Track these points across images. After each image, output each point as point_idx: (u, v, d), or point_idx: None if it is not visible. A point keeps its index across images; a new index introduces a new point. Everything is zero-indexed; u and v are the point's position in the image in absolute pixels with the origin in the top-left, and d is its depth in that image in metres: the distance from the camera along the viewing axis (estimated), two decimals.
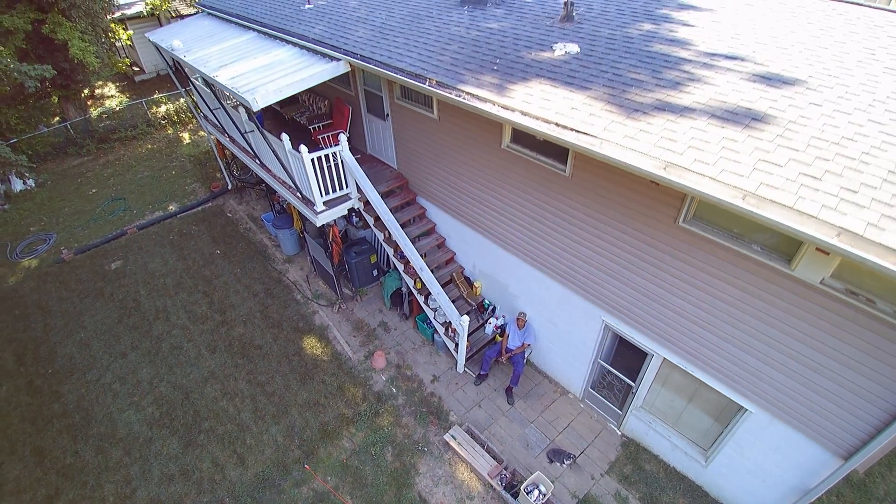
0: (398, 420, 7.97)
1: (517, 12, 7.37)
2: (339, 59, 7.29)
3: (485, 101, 5.27)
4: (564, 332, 7.63)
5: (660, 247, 5.30)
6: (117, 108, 17.95)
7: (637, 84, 5.02)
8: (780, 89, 4.67)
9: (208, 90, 10.00)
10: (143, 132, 17.66)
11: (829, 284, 4.14)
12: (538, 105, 4.97)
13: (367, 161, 9.73)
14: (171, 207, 13.63)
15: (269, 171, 9.54)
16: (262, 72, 7.50)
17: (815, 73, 4.88)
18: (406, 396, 8.35)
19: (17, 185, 15.24)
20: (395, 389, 8.46)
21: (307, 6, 9.44)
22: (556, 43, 6.09)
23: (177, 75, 11.52)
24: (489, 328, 8.90)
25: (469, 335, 8.41)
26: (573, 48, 5.89)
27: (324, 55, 7.63)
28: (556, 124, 4.66)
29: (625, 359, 7.05)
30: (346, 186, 8.52)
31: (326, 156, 7.86)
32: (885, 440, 4.49)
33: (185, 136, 17.64)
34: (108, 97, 21.13)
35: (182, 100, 18.74)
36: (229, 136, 11.03)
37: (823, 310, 4.25)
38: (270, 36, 8.96)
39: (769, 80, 4.83)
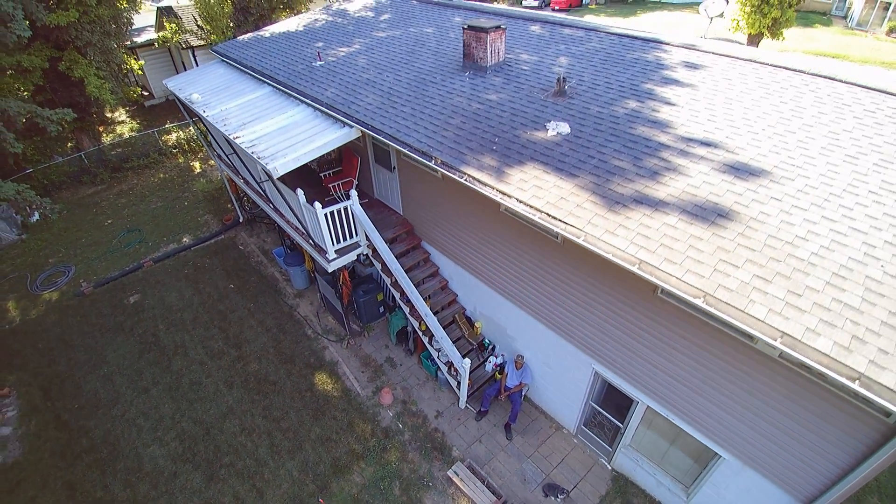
0: (405, 455, 8.57)
1: (514, 82, 8.02)
2: (351, 126, 7.93)
3: (485, 185, 5.90)
4: (558, 374, 8.24)
5: (642, 311, 5.92)
6: (129, 138, 18.57)
7: (619, 173, 5.66)
8: (746, 181, 5.31)
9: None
10: (154, 161, 18.30)
11: (786, 358, 4.76)
12: (531, 192, 5.61)
13: (374, 206, 10.36)
14: (185, 240, 14.25)
15: (282, 215, 10.17)
16: (280, 135, 8.14)
17: (780, 163, 5.52)
18: (412, 432, 8.95)
19: (35, 214, 15.86)
20: (401, 425, 9.07)
21: (318, 63, 10.09)
22: (549, 122, 6.74)
23: (186, 108, 12.11)
24: (489, 366, 9.51)
25: (470, 373, 9.01)
26: (564, 128, 6.54)
27: (336, 119, 8.26)
28: (548, 214, 5.29)
29: (614, 400, 7.66)
30: (356, 235, 9.14)
31: (339, 210, 8.49)
32: (842, 490, 5.11)
33: (196, 164, 18.28)
34: (119, 122, 21.78)
35: (192, 128, 19.39)
36: (243, 178, 11.67)
37: (782, 378, 4.86)
38: (285, 93, 9.60)
39: (738, 170, 5.47)
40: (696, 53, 8.06)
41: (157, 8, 21.25)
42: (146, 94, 24.26)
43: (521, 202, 5.55)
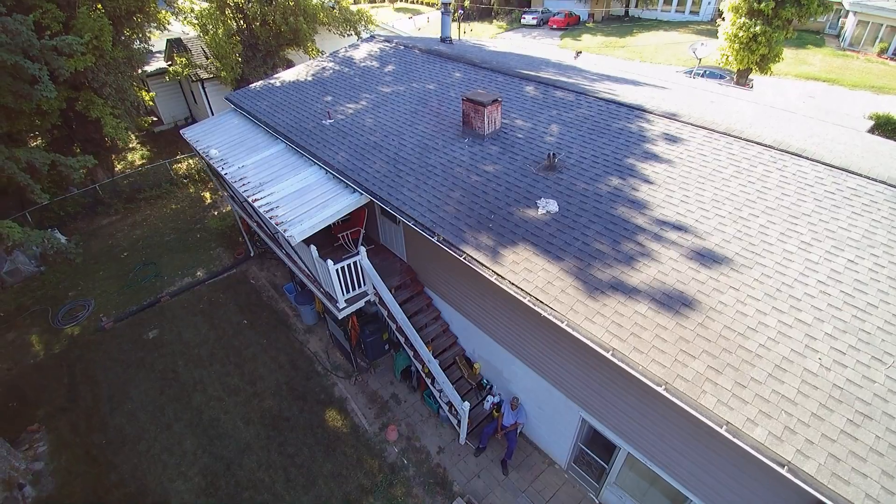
0: (409, 490, 9.34)
1: (509, 151, 8.80)
2: (360, 193, 8.71)
3: (482, 265, 6.68)
4: (550, 416, 9.01)
5: (619, 383, 6.68)
6: (141, 169, 19.34)
7: (600, 257, 6.44)
8: (710, 269, 6.09)
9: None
10: (166, 191, 19.06)
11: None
12: (522, 275, 6.39)
13: (380, 251, 11.13)
14: (198, 273, 15.01)
15: (294, 261, 10.93)
16: (296, 199, 8.91)
17: (742, 250, 6.30)
18: (416, 467, 9.72)
19: (62, 240, 16.59)
20: (406, 461, 9.83)
21: (327, 121, 10.87)
22: (540, 199, 7.52)
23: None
24: (487, 405, 10.28)
25: (469, 411, 9.77)
26: (553, 206, 7.32)
27: (346, 185, 9.04)
28: (536, 298, 6.07)
29: (601, 441, 8.42)
30: (364, 285, 9.91)
31: (349, 265, 9.26)
32: None
33: (207, 195, 19.05)
34: (130, 149, 22.53)
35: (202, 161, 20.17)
36: (255, 221, 12.43)
37: (731, 450, 5.62)
38: (298, 153, 10.38)
39: (703, 257, 6.25)
40: (676, 125, 8.83)
41: (167, 41, 22.01)
42: (155, 119, 25.02)
43: (513, 284, 6.33)
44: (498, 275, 6.55)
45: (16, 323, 13.71)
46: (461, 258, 6.94)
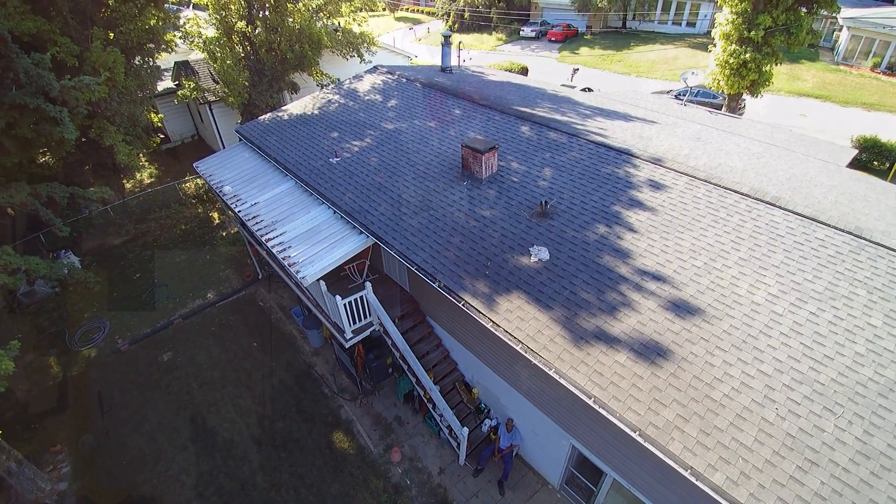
0: None
1: (505, 196, 9.47)
2: (367, 236, 9.37)
3: (479, 312, 7.35)
4: (543, 440, 9.67)
5: (599, 420, 7.32)
6: (151, 191, 20.01)
7: (585, 306, 7.10)
8: (683, 320, 6.75)
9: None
10: (175, 211, 19.72)
11: None
12: (515, 324, 7.06)
13: (384, 281, 11.79)
14: (209, 295, 15.67)
15: (302, 291, 11.58)
16: (307, 240, 9.57)
17: (714, 301, 6.96)
18: (418, 487, 10.38)
19: (64, 269, 17.22)
20: (409, 481, 10.49)
21: (334, 160, 11.54)
22: (533, 246, 8.19)
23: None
24: (485, 427, 10.93)
25: (468, 435, 10.43)
26: (544, 254, 7.98)
27: (354, 226, 9.70)
28: (527, 346, 6.73)
29: (590, 466, 9.07)
30: (370, 316, 10.57)
31: (355, 299, 9.91)
32: None
33: (215, 215, 19.70)
34: (140, 168, 23.17)
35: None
36: (266, 250, 13.07)
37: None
38: (307, 191, 11.04)
39: (679, 308, 6.91)
40: (660, 171, 9.49)
41: (175, 63, 22.67)
42: (162, 136, 25.67)
43: (507, 332, 6.99)
44: (494, 322, 7.22)
45: (34, 344, 14.36)
46: (460, 304, 7.60)
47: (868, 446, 5.29)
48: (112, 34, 16.22)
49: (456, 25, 47.35)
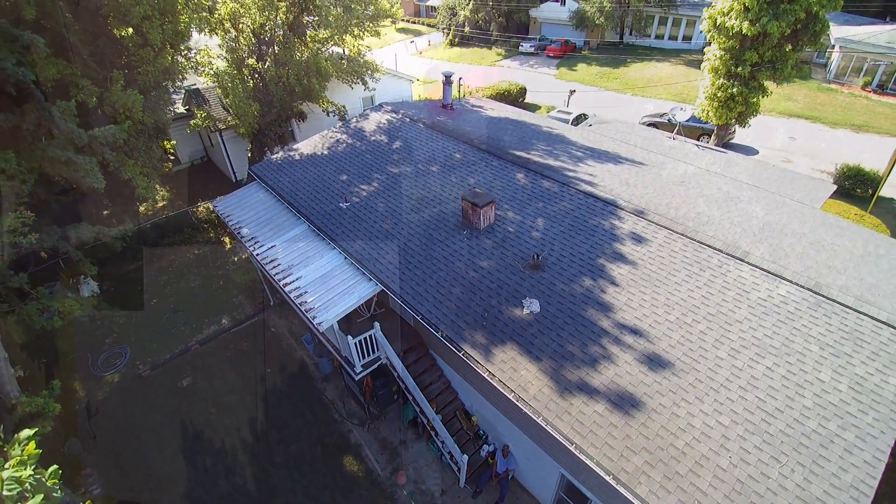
0: None
1: (501, 246, 10.42)
2: (376, 283, 10.33)
3: (477, 362, 8.31)
4: (536, 467, 10.61)
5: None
6: (164, 217, 21.00)
7: (571, 358, 8.06)
8: (655, 373, 7.69)
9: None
10: (189, 236, 20.69)
11: None
12: (509, 374, 8.01)
13: (390, 315, 12.73)
14: (224, 321, 16.64)
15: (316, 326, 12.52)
16: (321, 286, 10.52)
17: (683, 355, 7.91)
18: None
19: (85, 292, 18.21)
20: (413, 503, 11.44)
21: (344, 205, 12.49)
22: (525, 298, 9.14)
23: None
24: (483, 452, 11.89)
25: (467, 460, 11.38)
26: (535, 307, 8.94)
27: (363, 273, 10.66)
28: (519, 396, 7.69)
29: (578, 492, 10.01)
30: (378, 351, 11.53)
31: (365, 338, 10.87)
32: None
33: (227, 240, 20.68)
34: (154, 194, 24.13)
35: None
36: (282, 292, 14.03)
37: None
38: (319, 235, 11.99)
39: (652, 361, 7.86)
40: (642, 223, 10.44)
41: (185, 91, 23.64)
42: (173, 158, 26.65)
43: (501, 382, 7.95)
44: (490, 372, 8.17)
45: (57, 368, 15.32)
46: (460, 354, 8.56)
47: (806, 492, 6.23)
48: (129, 72, 17.19)
49: (456, 39, 48.33)
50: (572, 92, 29.43)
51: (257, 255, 11.69)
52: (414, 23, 63.28)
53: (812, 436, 6.76)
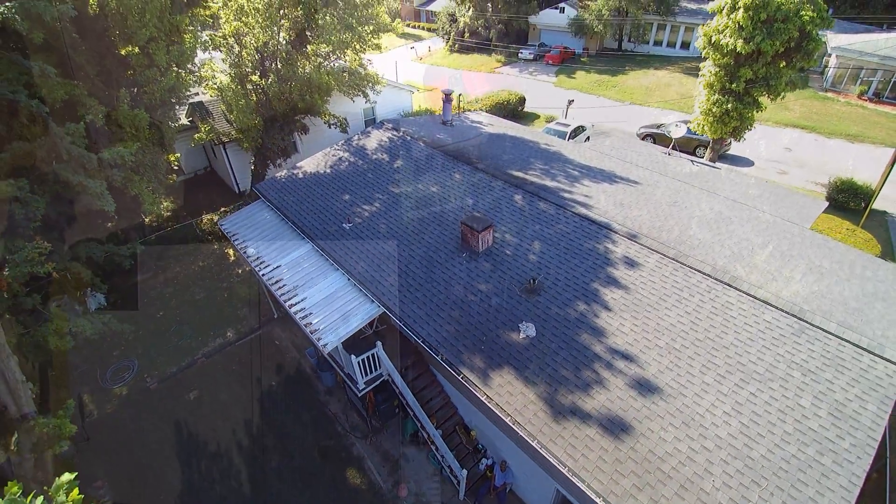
0: None
1: (499, 269, 10.81)
2: (378, 306, 10.72)
3: (475, 386, 8.70)
4: (532, 481, 11.00)
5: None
6: (169, 229, 21.40)
7: (564, 383, 8.45)
8: (644, 398, 8.08)
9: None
10: (193, 248, 21.08)
11: None
12: (506, 398, 8.40)
13: (391, 331, 13.10)
14: (228, 334, 17.03)
15: None
16: (325, 307, 10.91)
17: (671, 381, 8.29)
18: None
19: (93, 304, 18.59)
20: None
21: (347, 225, 12.88)
22: (522, 322, 9.53)
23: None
24: (481, 466, 12.28)
25: (466, 474, 11.77)
26: (531, 331, 9.33)
27: (366, 295, 11.05)
28: (513, 420, 8.08)
29: None
30: (380, 368, 11.92)
31: (368, 357, 11.25)
32: None
33: (230, 251, 21.06)
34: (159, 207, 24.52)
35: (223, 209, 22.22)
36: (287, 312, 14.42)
37: None
38: (324, 256, 12.37)
39: (641, 386, 8.24)
40: (635, 248, 10.82)
41: (189, 104, 24.00)
42: (177, 168, 27.02)
43: (498, 406, 8.34)
44: (488, 396, 8.57)
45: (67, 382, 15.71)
46: (459, 378, 8.95)
47: None
48: (135, 90, 17.57)
49: (456, 46, 48.70)
50: (570, 102, 29.80)
51: (263, 275, 12.08)
52: (415, 27, 63.63)
53: (791, 461, 7.14)
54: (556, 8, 44.95)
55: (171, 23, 15.93)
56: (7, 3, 10.45)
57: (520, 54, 44.27)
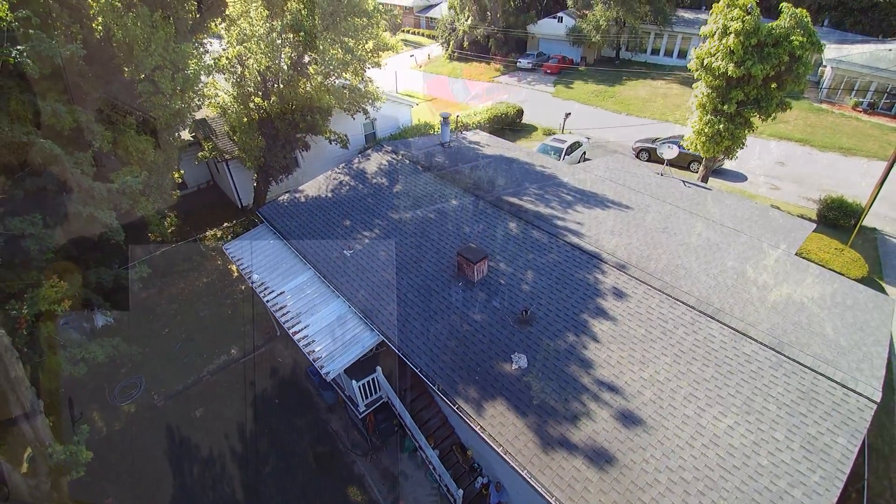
0: None
1: (494, 299, 11.29)
2: (378, 335, 11.22)
3: (470, 417, 9.19)
4: (526, 500, 11.48)
5: None
6: (173, 246, 21.90)
7: (553, 414, 8.93)
8: (629, 430, 8.57)
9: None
10: (198, 264, 21.58)
11: None
12: (498, 428, 8.89)
13: (389, 353, 13.60)
14: (233, 351, 17.53)
15: None
16: (328, 336, 11.40)
17: (654, 412, 8.77)
18: None
19: (100, 321, 19.09)
20: None
21: (348, 252, 13.37)
22: (514, 353, 10.02)
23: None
24: (477, 484, 12.77)
25: (462, 494, 12.27)
26: (523, 362, 9.82)
27: (366, 323, 11.55)
28: (505, 450, 8.57)
29: None
30: (380, 391, 12.41)
31: (369, 381, 11.74)
32: None
33: (233, 268, 21.55)
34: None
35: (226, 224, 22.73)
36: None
37: None
38: (325, 283, 12.86)
39: (626, 418, 8.73)
40: (623, 278, 11.30)
41: (193, 121, 24.48)
42: (180, 182, 27.51)
43: (490, 436, 8.83)
44: (481, 426, 9.06)
45: (76, 399, 16.20)
46: (454, 408, 9.45)
47: None
48: (141, 115, 18.06)
49: (455, 54, 49.17)
50: (567, 115, 30.28)
51: (267, 301, 12.56)
52: (414, 34, 64.09)
53: (764, 492, 7.63)
54: (555, 18, 45.41)
55: (175, 51, 16.41)
56: (18, 47, 10.90)
57: (518, 63, 44.72)
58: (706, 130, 20.44)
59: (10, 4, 11.55)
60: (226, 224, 23.44)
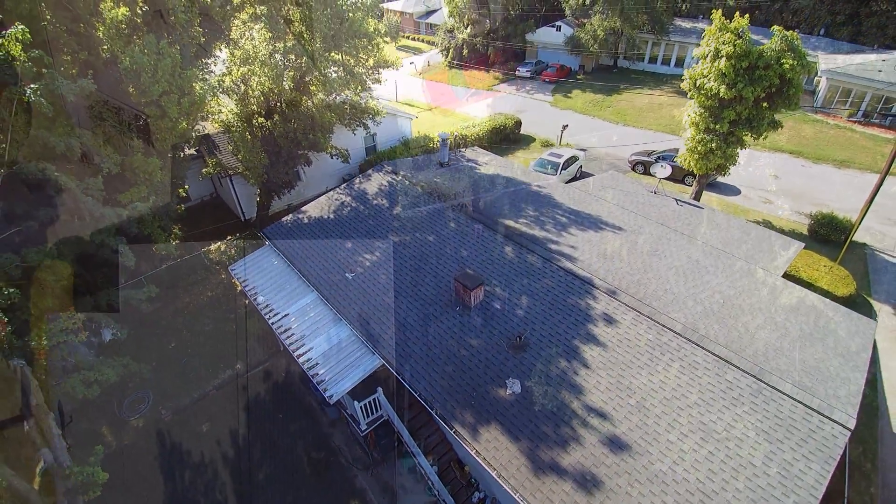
0: None
1: (490, 324, 11.81)
2: (379, 358, 11.74)
3: (466, 441, 9.71)
4: None
5: None
6: (178, 260, 22.41)
7: (545, 439, 9.45)
8: (615, 455, 9.08)
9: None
10: (202, 278, 22.09)
11: None
12: (493, 453, 9.41)
13: (391, 373, 14.12)
14: (237, 366, 18.05)
15: None
16: (331, 359, 11.92)
17: (639, 438, 9.29)
18: None
19: (107, 336, 19.59)
20: None
21: (350, 275, 13.88)
22: (509, 378, 10.54)
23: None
24: (474, 499, 13.30)
25: None
26: (517, 387, 10.33)
27: (367, 346, 12.06)
28: (499, 473, 9.09)
29: None
30: (380, 410, 12.93)
31: (370, 401, 12.26)
32: None
33: (237, 282, 22.06)
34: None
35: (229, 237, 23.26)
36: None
37: None
38: (328, 305, 13.37)
39: (613, 444, 9.24)
40: (614, 304, 11.81)
41: (196, 137, 24.97)
42: (184, 196, 28.02)
43: (486, 461, 9.35)
44: (476, 450, 9.58)
45: (84, 413, 16.72)
46: (451, 432, 9.96)
47: None
48: (147, 136, 18.57)
49: (454, 62, 49.65)
50: (565, 127, 30.78)
51: (272, 323, 13.08)
52: (414, 39, 64.56)
53: None
54: (553, 27, 45.87)
55: (182, 77, 16.91)
56: (32, 86, 11.37)
57: (517, 71, 45.20)
58: (699, 148, 20.93)
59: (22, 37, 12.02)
60: (229, 237, 23.93)
